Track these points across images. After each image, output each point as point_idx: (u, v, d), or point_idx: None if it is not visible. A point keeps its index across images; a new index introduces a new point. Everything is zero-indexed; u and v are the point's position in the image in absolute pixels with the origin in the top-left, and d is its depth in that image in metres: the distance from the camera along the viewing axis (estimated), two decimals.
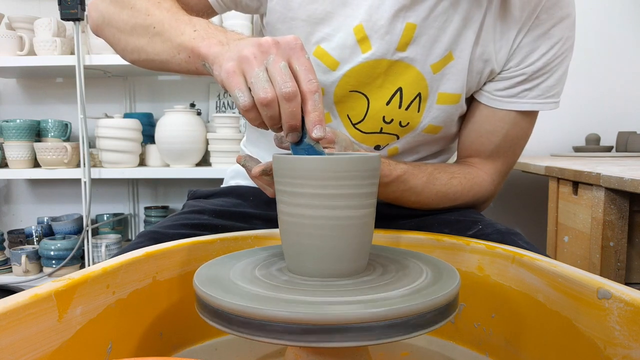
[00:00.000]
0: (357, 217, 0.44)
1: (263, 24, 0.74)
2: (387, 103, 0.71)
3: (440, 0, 0.67)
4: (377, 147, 0.76)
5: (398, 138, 0.75)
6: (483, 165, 0.79)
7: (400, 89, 0.71)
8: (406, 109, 0.72)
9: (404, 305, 0.38)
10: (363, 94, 0.71)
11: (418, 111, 0.73)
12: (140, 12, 0.63)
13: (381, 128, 0.73)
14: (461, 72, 0.71)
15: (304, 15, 0.68)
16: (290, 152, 0.50)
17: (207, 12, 0.74)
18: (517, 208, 1.94)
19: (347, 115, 0.73)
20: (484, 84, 0.75)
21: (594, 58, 1.88)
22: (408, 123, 0.73)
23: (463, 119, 0.80)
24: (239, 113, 2.20)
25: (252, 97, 0.46)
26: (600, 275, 0.58)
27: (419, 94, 0.71)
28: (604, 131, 1.90)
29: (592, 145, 1.83)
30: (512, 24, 0.71)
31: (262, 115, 0.47)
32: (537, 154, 1.90)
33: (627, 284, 0.78)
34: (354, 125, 0.74)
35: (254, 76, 0.45)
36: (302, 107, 0.46)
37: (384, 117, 0.72)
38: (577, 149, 1.84)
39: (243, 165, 0.55)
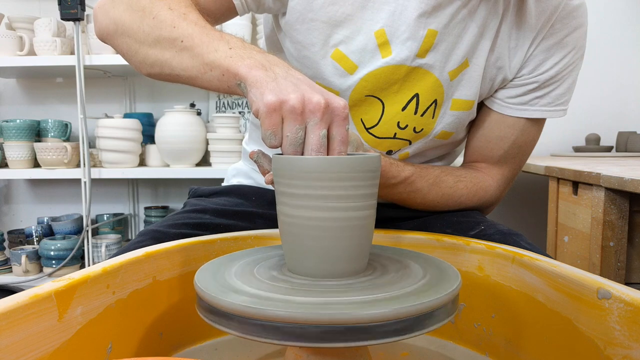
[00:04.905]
0: (357, 217, 0.44)
1: (280, 24, 0.72)
2: (403, 109, 0.71)
3: (460, 7, 0.66)
4: (389, 152, 0.76)
5: (410, 143, 0.75)
6: (490, 170, 0.79)
7: (417, 95, 0.70)
8: (421, 115, 0.72)
9: (404, 306, 0.38)
10: (379, 98, 0.71)
11: (433, 117, 0.73)
12: (164, 23, 0.58)
13: (395, 133, 0.73)
14: (476, 79, 0.71)
15: (324, 16, 0.67)
16: None
17: (227, 16, 0.72)
18: (517, 208, 1.94)
19: (361, 120, 0.73)
20: (495, 90, 0.75)
21: (594, 58, 1.87)
22: (422, 129, 0.73)
23: (471, 124, 0.80)
24: (239, 113, 2.17)
25: (281, 140, 0.47)
26: (600, 275, 0.58)
27: (435, 101, 0.71)
28: (604, 131, 1.90)
29: (592, 145, 1.83)
30: (527, 32, 0.71)
31: None
32: (537, 154, 1.90)
33: (627, 284, 0.78)
34: (367, 129, 0.73)
35: (292, 132, 0.46)
36: None
37: (398, 122, 0.72)
38: (577, 149, 1.84)
39: (255, 161, 0.54)
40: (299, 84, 0.47)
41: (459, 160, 0.87)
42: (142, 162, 1.99)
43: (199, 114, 1.95)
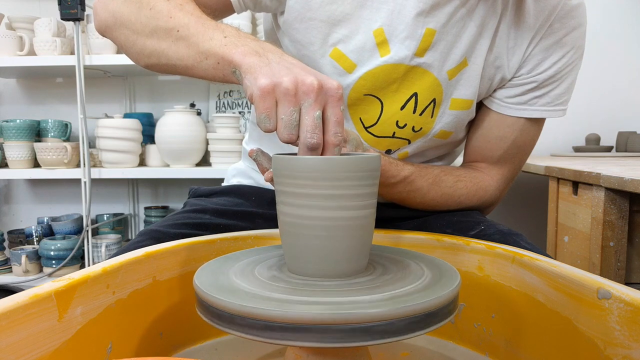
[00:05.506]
0: (357, 217, 0.44)
1: (279, 23, 0.72)
2: (402, 108, 0.71)
3: (459, 7, 0.67)
4: (388, 152, 0.76)
5: (409, 142, 0.75)
6: (489, 170, 0.79)
7: (415, 94, 0.70)
8: (420, 114, 0.72)
9: (404, 305, 0.38)
10: (377, 98, 0.71)
11: (432, 117, 0.73)
12: (161, 14, 0.59)
13: (394, 132, 0.73)
14: (475, 78, 0.71)
15: (323, 15, 0.67)
16: (292, 151, 0.50)
17: (224, 12, 0.72)
18: (517, 208, 1.94)
19: (360, 119, 0.73)
20: (494, 90, 0.75)
21: (594, 58, 1.87)
22: (421, 128, 0.73)
23: (471, 124, 0.80)
24: (239, 113, 2.17)
25: (276, 124, 0.47)
26: (600, 275, 0.58)
27: (434, 100, 0.71)
28: (604, 131, 1.90)
29: (592, 145, 1.83)
30: (526, 31, 0.71)
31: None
32: (537, 154, 1.90)
33: (627, 284, 0.78)
34: (366, 128, 0.73)
35: (287, 114, 0.46)
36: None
37: (397, 121, 0.72)
38: (577, 149, 1.84)
39: (255, 160, 0.54)
40: (292, 68, 0.48)
41: (459, 160, 0.87)
42: (142, 162, 1.99)
43: (199, 114, 1.95)
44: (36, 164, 1.94)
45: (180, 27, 0.57)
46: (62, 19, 1.74)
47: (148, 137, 1.98)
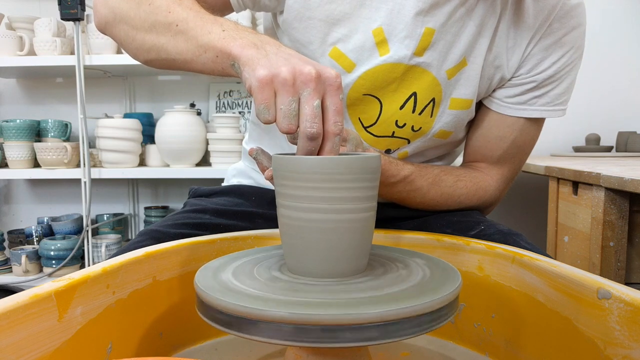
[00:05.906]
0: (357, 216, 0.44)
1: (278, 22, 0.72)
2: (401, 107, 0.71)
3: (458, 6, 0.67)
4: (388, 151, 0.76)
5: (409, 142, 0.75)
6: (489, 170, 0.79)
7: (414, 94, 0.70)
8: (419, 113, 0.72)
9: (404, 305, 0.38)
10: (377, 97, 0.71)
11: (431, 116, 0.73)
12: (160, 9, 0.59)
13: (393, 132, 0.73)
14: (474, 78, 0.71)
15: (322, 15, 0.67)
16: (292, 152, 0.50)
17: (223, 11, 0.72)
18: (517, 208, 1.94)
19: (359, 119, 0.73)
20: (493, 90, 0.75)
21: (594, 58, 1.87)
22: (420, 128, 0.73)
23: (471, 124, 0.80)
24: (239, 113, 2.17)
25: (275, 115, 0.47)
26: (600, 275, 0.58)
27: (433, 99, 0.71)
28: (604, 131, 1.90)
29: (592, 145, 1.83)
30: (525, 31, 0.71)
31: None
32: (537, 154, 1.90)
33: (627, 284, 0.78)
34: (365, 128, 0.73)
35: (286, 104, 0.46)
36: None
37: (396, 121, 0.72)
38: (577, 149, 1.84)
39: (255, 159, 0.54)
40: (289, 58, 0.48)
41: (459, 160, 0.88)
42: (142, 162, 1.99)
43: (199, 114, 1.95)
44: (36, 164, 1.94)
45: (179, 22, 0.57)
46: (62, 19, 1.74)
47: (148, 137, 1.98)
